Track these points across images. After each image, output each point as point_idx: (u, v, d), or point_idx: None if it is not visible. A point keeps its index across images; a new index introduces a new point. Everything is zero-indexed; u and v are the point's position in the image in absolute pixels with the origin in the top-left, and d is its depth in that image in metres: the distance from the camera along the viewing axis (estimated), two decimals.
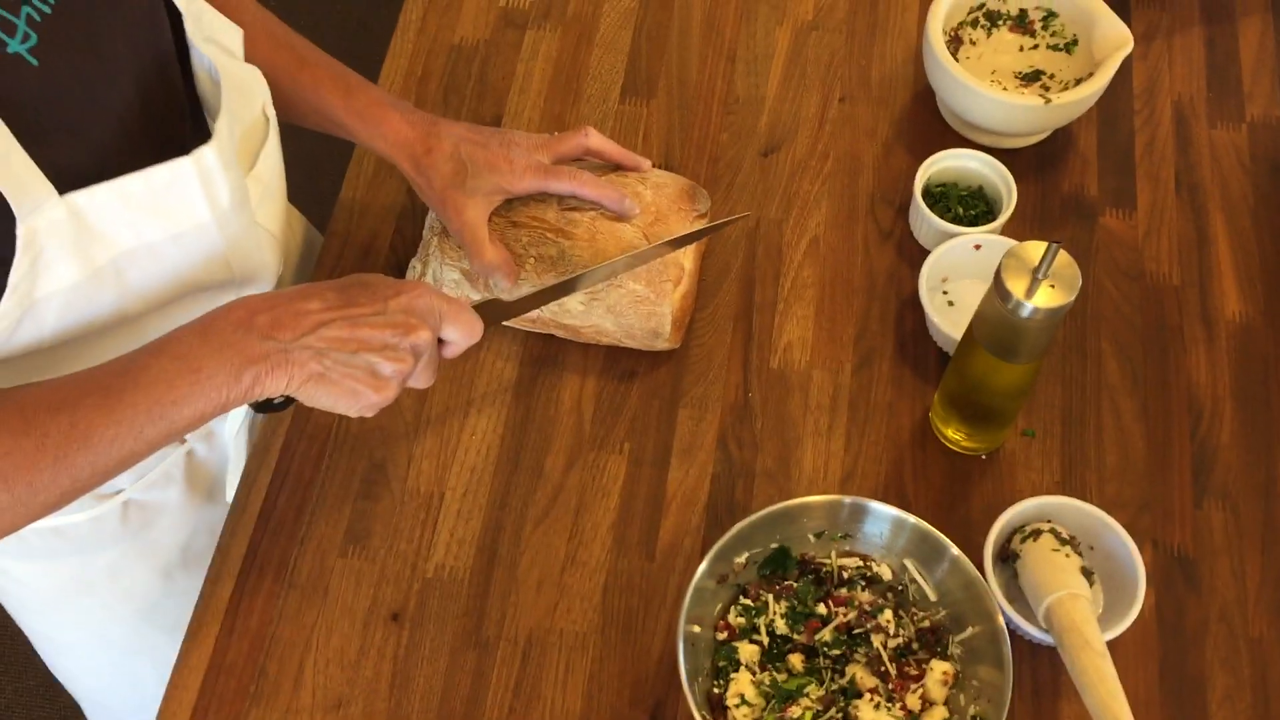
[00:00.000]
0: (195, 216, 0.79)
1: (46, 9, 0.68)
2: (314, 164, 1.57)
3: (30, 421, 0.70)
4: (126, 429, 0.72)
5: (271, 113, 0.88)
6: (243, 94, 0.85)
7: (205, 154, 0.77)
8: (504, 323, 1.01)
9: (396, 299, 0.78)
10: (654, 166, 1.04)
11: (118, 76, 0.74)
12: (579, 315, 0.98)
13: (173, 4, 0.79)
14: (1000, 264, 0.83)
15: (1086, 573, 0.88)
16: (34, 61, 0.67)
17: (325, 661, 0.90)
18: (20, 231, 0.69)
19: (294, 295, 0.77)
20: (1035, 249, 0.83)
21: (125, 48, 0.74)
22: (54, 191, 0.70)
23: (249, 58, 0.91)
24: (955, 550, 0.84)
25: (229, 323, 0.74)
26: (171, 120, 0.82)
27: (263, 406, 0.80)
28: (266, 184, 0.89)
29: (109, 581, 1.00)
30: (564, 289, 0.92)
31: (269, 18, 0.95)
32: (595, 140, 0.99)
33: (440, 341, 0.82)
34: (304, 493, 0.96)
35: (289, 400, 0.80)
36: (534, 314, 0.99)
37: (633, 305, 0.97)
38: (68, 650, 1.12)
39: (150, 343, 0.74)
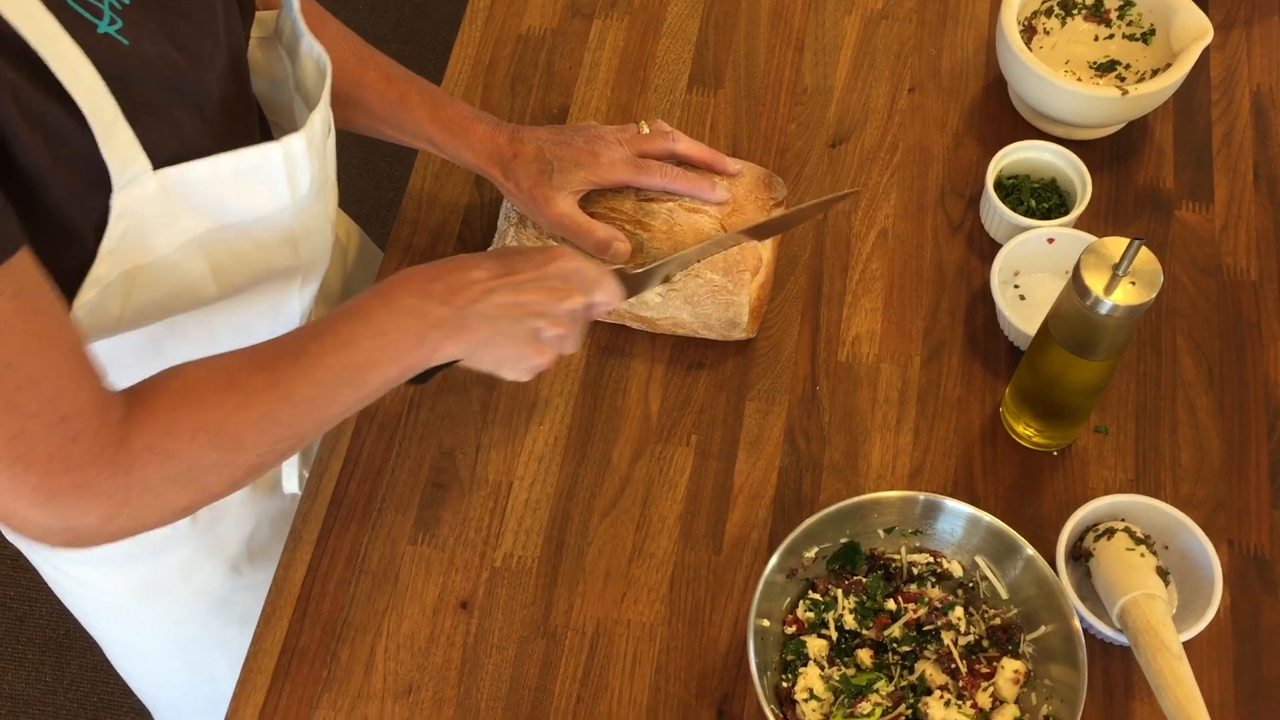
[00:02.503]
0: (276, 200, 0.80)
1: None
2: (374, 169, 1.58)
3: (234, 378, 0.72)
4: (323, 389, 0.74)
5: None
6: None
7: (293, 141, 0.78)
8: None
9: (551, 265, 0.83)
10: (727, 156, 1.03)
11: (200, 65, 0.75)
12: (656, 307, 0.98)
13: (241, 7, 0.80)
14: (1079, 260, 0.82)
15: (1161, 572, 0.87)
16: (125, 42, 0.68)
17: (396, 648, 0.91)
18: (115, 202, 0.70)
19: (458, 265, 0.81)
20: (1115, 245, 0.81)
21: (203, 39, 0.75)
22: (149, 166, 0.71)
23: (338, 74, 0.94)
24: (1030, 550, 0.83)
25: (408, 290, 0.78)
26: (242, 114, 0.83)
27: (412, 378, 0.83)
28: (330, 174, 0.90)
29: (180, 580, 1.02)
30: (689, 259, 0.94)
31: (352, 35, 0.97)
32: (683, 145, 0.99)
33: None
34: (374, 480, 0.97)
35: (432, 372, 0.82)
36: None
37: (710, 295, 0.97)
38: (142, 652, 1.13)
39: (333, 311, 0.78)
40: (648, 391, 1.00)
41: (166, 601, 1.03)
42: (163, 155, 0.72)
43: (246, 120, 0.83)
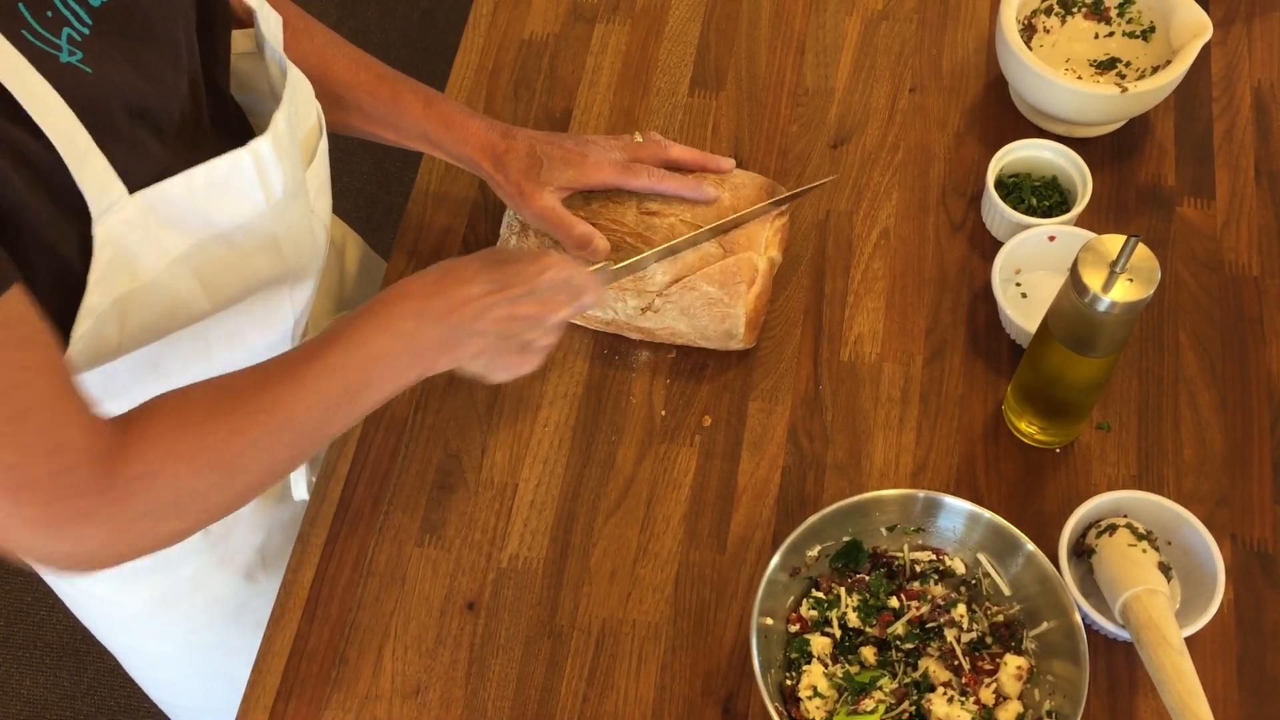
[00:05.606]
0: (254, 206, 0.81)
1: (85, 30, 0.69)
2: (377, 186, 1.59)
3: (229, 404, 0.73)
4: (318, 413, 0.76)
5: (320, 110, 0.91)
6: (305, 92, 0.86)
7: (260, 145, 0.79)
8: (575, 321, 1.02)
9: (543, 275, 0.84)
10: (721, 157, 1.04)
11: (163, 90, 0.75)
12: (653, 319, 0.99)
13: (206, 25, 0.80)
14: (1077, 257, 0.82)
15: (1164, 568, 0.87)
16: (89, 70, 0.68)
17: (403, 649, 0.92)
18: (97, 231, 0.71)
19: (455, 278, 0.82)
20: (1113, 242, 0.82)
21: (165, 65, 0.75)
22: (125, 191, 0.72)
23: (328, 77, 0.94)
24: (1030, 545, 0.84)
25: (405, 311, 0.79)
26: (199, 135, 0.83)
27: None
28: (322, 180, 0.91)
29: (194, 591, 1.02)
30: (668, 252, 0.97)
31: (341, 40, 0.98)
32: (676, 151, 1.01)
33: None
34: (381, 483, 0.98)
35: None
36: (609, 316, 1.00)
37: (706, 307, 0.98)
38: (159, 661, 1.13)
39: (327, 332, 0.78)
40: (651, 393, 1.01)
41: (181, 612, 1.04)
42: (134, 179, 0.72)
43: (204, 141, 0.83)
